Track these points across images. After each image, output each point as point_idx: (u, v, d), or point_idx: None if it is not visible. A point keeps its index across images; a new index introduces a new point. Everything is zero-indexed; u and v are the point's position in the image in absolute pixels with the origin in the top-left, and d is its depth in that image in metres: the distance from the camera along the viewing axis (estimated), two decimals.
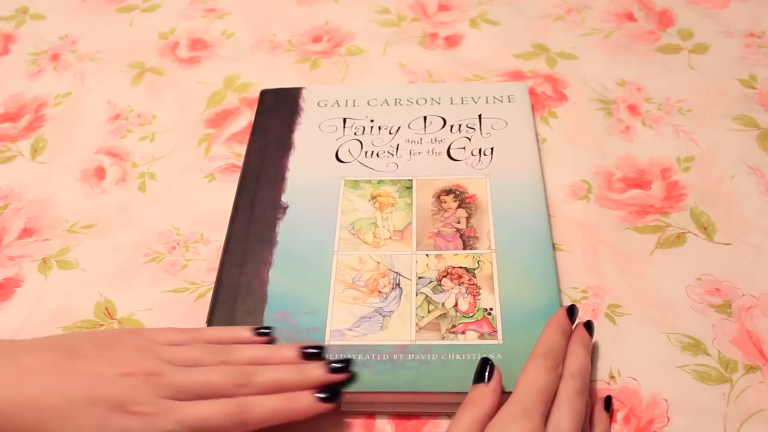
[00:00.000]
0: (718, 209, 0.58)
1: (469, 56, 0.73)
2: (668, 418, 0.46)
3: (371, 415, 0.47)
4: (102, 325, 0.53)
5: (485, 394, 0.43)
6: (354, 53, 0.74)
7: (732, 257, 0.54)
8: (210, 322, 0.50)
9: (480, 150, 0.60)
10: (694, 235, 0.56)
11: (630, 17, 0.77)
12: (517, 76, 0.71)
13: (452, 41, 0.75)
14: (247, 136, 0.65)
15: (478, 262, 0.52)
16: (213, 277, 0.54)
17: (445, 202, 0.56)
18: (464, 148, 0.60)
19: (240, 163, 0.63)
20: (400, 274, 0.52)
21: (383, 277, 0.52)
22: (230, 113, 0.69)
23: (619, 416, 0.47)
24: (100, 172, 0.64)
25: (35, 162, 0.66)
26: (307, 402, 0.44)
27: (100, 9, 0.82)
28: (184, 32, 0.78)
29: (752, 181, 0.59)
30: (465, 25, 0.77)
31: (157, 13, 0.81)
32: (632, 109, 0.66)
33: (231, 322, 0.50)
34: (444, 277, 0.52)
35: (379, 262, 0.53)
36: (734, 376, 0.48)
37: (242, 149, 0.65)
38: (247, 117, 0.68)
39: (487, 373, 0.44)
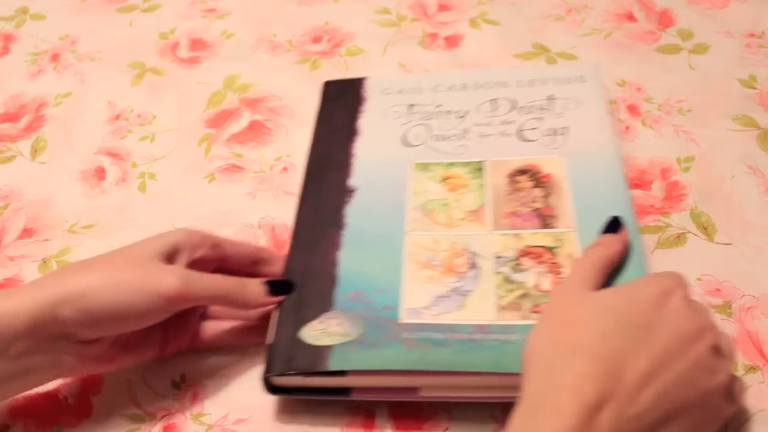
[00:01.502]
0: (718, 209, 0.58)
1: (469, 56, 0.73)
2: None
3: (371, 410, 0.47)
4: None
5: (613, 239, 0.46)
6: (354, 53, 0.74)
7: (732, 257, 0.54)
8: (281, 308, 0.49)
9: (553, 130, 0.58)
10: (694, 235, 0.56)
11: (630, 17, 0.77)
12: None
13: (452, 41, 0.75)
14: (248, 137, 0.66)
15: (558, 240, 0.50)
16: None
17: (519, 182, 0.54)
18: (536, 128, 0.58)
19: (240, 163, 0.63)
20: (476, 254, 0.50)
21: (459, 256, 0.50)
22: (230, 113, 0.69)
23: None
24: (100, 173, 0.64)
25: (35, 162, 0.66)
26: (257, 290, 0.48)
27: (100, 9, 0.82)
28: (184, 32, 0.78)
29: (752, 181, 0.59)
30: (465, 25, 0.77)
31: (157, 13, 0.81)
32: (632, 109, 0.66)
33: (299, 305, 0.48)
34: (523, 256, 0.50)
35: (453, 242, 0.51)
36: None
37: (242, 149, 0.65)
38: (247, 117, 0.68)
39: (616, 227, 0.47)
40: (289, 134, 0.66)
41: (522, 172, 0.55)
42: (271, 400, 0.48)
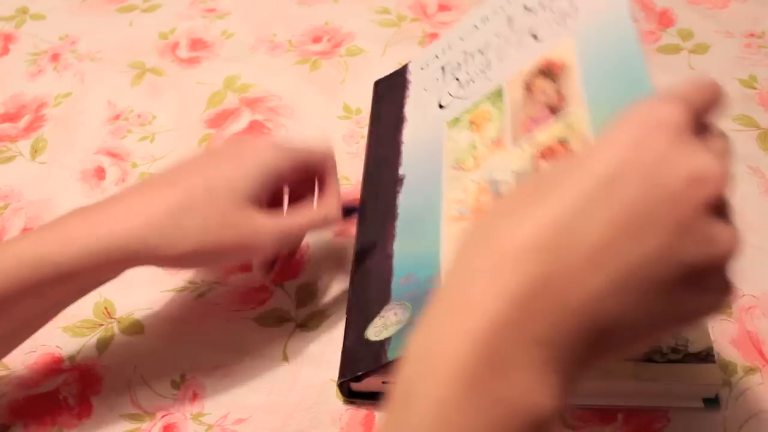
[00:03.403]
0: None
1: None
2: (668, 419, 0.46)
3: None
4: (101, 325, 0.53)
5: None
6: (354, 53, 0.74)
7: None
8: (348, 312, 0.50)
9: (563, 15, 0.50)
10: None
11: None
12: None
13: None
14: (248, 137, 0.66)
15: (569, 127, 0.45)
16: (213, 276, 0.54)
17: (534, 84, 0.50)
18: (547, 22, 0.52)
19: None
20: (498, 181, 0.48)
21: (484, 193, 0.48)
22: (230, 113, 0.69)
23: (619, 416, 0.47)
24: (100, 173, 0.64)
25: (35, 162, 0.66)
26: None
27: (100, 9, 0.82)
28: (184, 32, 0.78)
29: (752, 181, 0.59)
30: None
31: (157, 13, 0.81)
32: None
33: (364, 306, 0.48)
34: (539, 160, 0.46)
35: (478, 182, 0.49)
36: (733, 378, 0.48)
37: None
38: (247, 117, 0.68)
39: None
40: (289, 134, 0.66)
41: (536, 74, 0.50)
42: (270, 401, 0.48)
